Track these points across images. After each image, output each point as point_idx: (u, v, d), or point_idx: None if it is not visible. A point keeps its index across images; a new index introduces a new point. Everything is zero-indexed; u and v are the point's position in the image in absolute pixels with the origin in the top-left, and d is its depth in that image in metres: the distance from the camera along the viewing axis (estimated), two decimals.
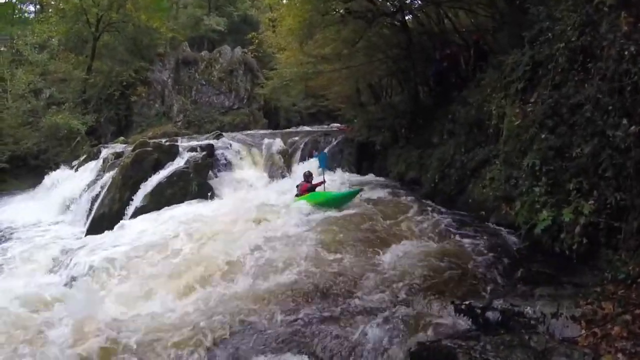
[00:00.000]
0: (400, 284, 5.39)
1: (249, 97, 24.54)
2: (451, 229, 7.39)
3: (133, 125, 21.19)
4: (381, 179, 12.60)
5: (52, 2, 25.42)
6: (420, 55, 12.70)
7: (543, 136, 6.04)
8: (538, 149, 6.05)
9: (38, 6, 29.39)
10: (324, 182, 10.10)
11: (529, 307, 4.31)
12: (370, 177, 12.93)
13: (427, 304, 4.87)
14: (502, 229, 7.05)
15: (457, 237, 6.93)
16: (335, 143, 15.29)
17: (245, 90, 24.50)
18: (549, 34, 6.42)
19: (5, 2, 30.45)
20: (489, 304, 4.53)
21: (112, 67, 21.51)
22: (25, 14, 31.32)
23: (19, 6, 30.88)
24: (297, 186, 10.47)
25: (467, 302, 4.63)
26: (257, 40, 22.14)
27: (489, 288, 5.14)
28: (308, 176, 10.44)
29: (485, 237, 6.77)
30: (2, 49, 22.63)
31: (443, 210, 8.74)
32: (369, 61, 13.97)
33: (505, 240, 6.61)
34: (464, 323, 4.46)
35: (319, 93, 21.50)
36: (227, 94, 24.02)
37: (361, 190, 9.90)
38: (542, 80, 6.49)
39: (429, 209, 8.70)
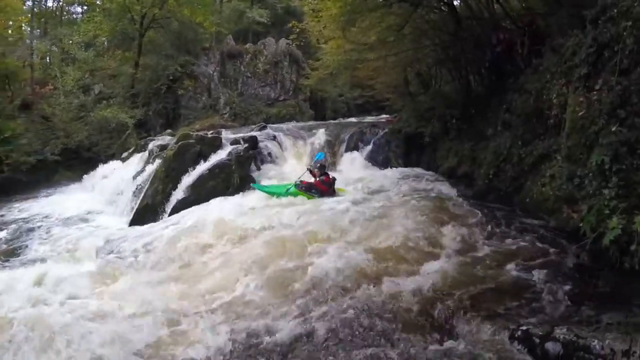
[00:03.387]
0: (444, 302, 4.92)
1: (294, 88, 24.36)
2: (505, 233, 6.90)
3: (181, 117, 21.49)
4: (430, 173, 12.04)
5: (98, 2, 25.98)
6: (470, 42, 11.86)
7: (613, 129, 5.33)
8: (607, 144, 5.33)
9: (85, 7, 30.21)
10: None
11: (596, 341, 3.73)
12: (418, 170, 12.38)
13: (476, 328, 4.37)
14: (563, 235, 6.39)
15: (512, 244, 6.44)
16: (381, 134, 14.74)
17: (291, 81, 24.33)
18: (614, 11, 5.68)
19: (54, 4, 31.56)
20: (549, 333, 3.99)
21: (158, 62, 21.85)
22: (73, 15, 32.46)
23: (66, 8, 31.84)
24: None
25: (524, 329, 4.12)
26: (297, 29, 21.68)
27: (548, 309, 4.61)
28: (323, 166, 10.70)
29: (544, 245, 6.21)
30: (52, 48, 23.67)
31: (497, 210, 8.18)
32: (416, 48, 13.27)
33: (567, 250, 5.97)
34: (518, 353, 3.98)
35: (366, 83, 20.99)
36: (272, 86, 23.93)
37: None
38: (607, 64, 5.76)
39: (481, 208, 8.21)
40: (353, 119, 22.58)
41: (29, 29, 26.44)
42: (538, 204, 7.33)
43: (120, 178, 14.18)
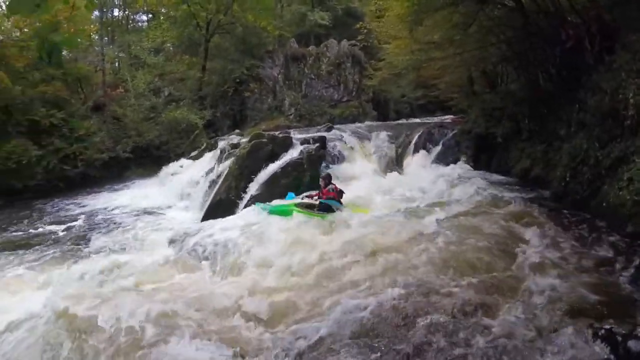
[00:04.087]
0: (527, 302, 4.84)
1: (357, 89, 24.24)
2: (581, 238, 6.55)
3: (247, 119, 22.20)
4: (500, 176, 11.42)
5: (162, 10, 27.27)
6: (537, 38, 11.19)
7: None
8: None
9: (150, 15, 31.81)
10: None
11: None
12: (489, 174, 11.77)
13: (559, 326, 4.29)
14: None
15: (589, 249, 6.14)
16: (450, 135, 14.27)
17: (354, 82, 24.24)
18: None
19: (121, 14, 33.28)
20: (632, 331, 3.96)
21: (224, 66, 22.62)
22: (138, 23, 34.27)
23: (132, 16, 33.67)
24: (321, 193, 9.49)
25: (606, 327, 4.06)
26: (365, 30, 21.62)
27: (630, 310, 4.50)
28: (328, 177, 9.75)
29: (621, 251, 5.88)
30: (120, 54, 24.88)
31: (572, 215, 7.65)
32: (481, 46, 12.77)
33: None
34: (601, 351, 3.89)
35: (429, 83, 20.54)
36: (336, 87, 23.98)
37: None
38: None
39: (556, 213, 7.75)
40: (416, 120, 22.22)
41: (96, 37, 27.94)
42: (615, 208, 6.74)
43: (191, 175, 14.68)
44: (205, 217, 11.32)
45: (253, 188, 11.63)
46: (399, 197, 10.41)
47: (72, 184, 19.25)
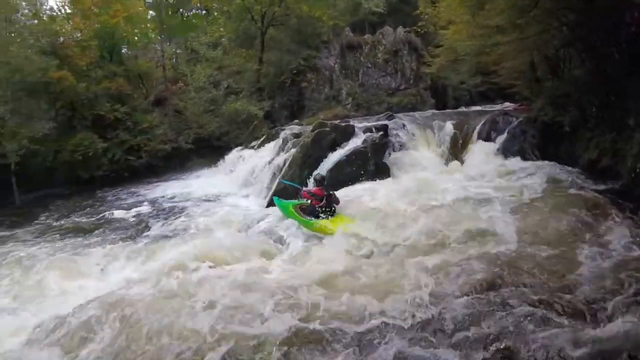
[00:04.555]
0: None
1: (415, 77, 23.59)
2: None
3: (305, 109, 22.27)
4: (568, 167, 10.71)
5: (215, 6, 27.90)
6: (601, 21, 10.36)
7: None
8: None
9: (204, 11, 32.41)
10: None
11: None
12: (555, 164, 11.07)
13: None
14: None
15: None
16: (516, 123, 13.54)
17: (411, 70, 23.61)
18: None
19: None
20: None
21: (281, 57, 22.70)
22: (192, 20, 34.58)
23: (185, 13, 34.60)
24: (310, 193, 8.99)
25: None
26: (426, 16, 21.05)
27: None
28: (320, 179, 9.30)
29: None
30: (178, 50, 25.56)
31: None
32: (544, 30, 11.97)
33: None
34: None
35: (489, 69, 19.67)
36: (393, 75, 23.44)
37: None
38: None
39: (626, 206, 7.41)
40: (476, 107, 21.40)
41: (153, 35, 28.86)
42: None
43: (254, 164, 14.90)
44: (270, 204, 11.43)
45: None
46: (463, 187, 10.01)
47: (136, 173, 20.10)
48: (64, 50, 21.14)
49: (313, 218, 8.54)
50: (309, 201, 8.83)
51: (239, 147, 18.42)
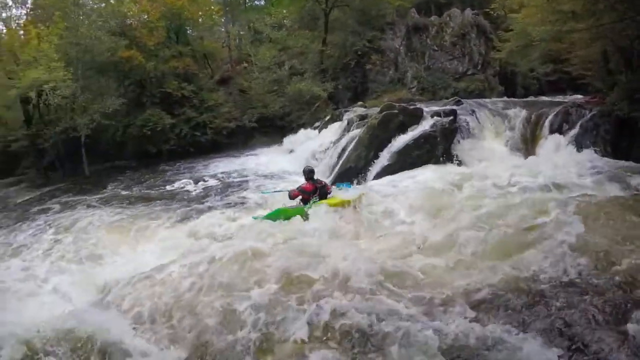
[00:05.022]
0: None
1: (483, 62, 22.64)
2: None
3: (368, 91, 21.99)
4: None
5: None
6: None
7: None
8: None
9: None
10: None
11: None
12: (629, 162, 10.21)
13: None
14: None
15: None
16: (589, 117, 12.71)
17: (479, 54, 22.63)
18: None
19: None
20: None
21: (345, 38, 22.41)
22: (255, 2, 35.54)
23: None
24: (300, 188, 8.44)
25: None
26: None
27: None
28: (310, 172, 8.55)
29: None
30: (241, 32, 25.91)
31: None
32: (619, 19, 11.07)
33: None
34: None
35: (560, 57, 18.57)
36: (460, 59, 22.59)
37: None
38: None
39: None
40: (545, 98, 20.29)
41: (216, 17, 29.46)
42: None
43: (317, 144, 15.12)
44: (333, 183, 11.44)
45: (384, 157, 11.75)
46: (532, 179, 9.48)
47: (201, 149, 20.91)
48: (132, 32, 22.12)
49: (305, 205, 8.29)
50: (300, 198, 8.41)
51: (302, 127, 18.66)
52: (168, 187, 14.03)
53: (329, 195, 8.52)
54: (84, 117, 18.58)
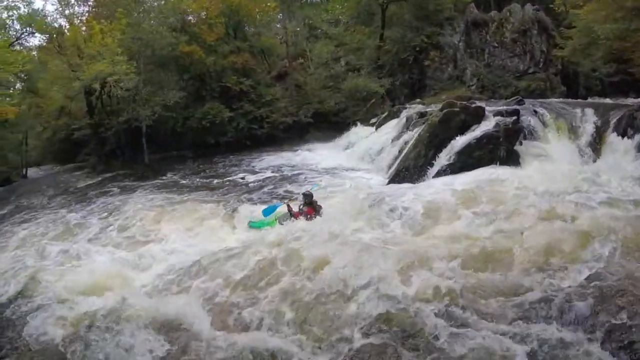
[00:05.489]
0: None
1: (544, 60, 21.86)
2: None
3: (426, 88, 21.69)
4: None
5: None
6: None
7: None
8: None
9: None
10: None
11: None
12: None
13: None
14: None
15: None
16: None
17: (541, 52, 21.85)
18: None
19: None
20: None
21: (403, 34, 22.19)
22: None
23: None
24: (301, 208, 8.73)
25: None
26: None
27: None
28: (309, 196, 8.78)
29: None
30: (297, 28, 26.17)
31: None
32: None
33: None
34: None
35: (624, 57, 17.70)
36: (521, 57, 21.92)
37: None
38: None
39: None
40: (608, 100, 19.36)
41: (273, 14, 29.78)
42: None
43: (375, 140, 15.10)
44: (392, 181, 11.66)
45: (444, 157, 11.48)
46: (598, 186, 9.06)
47: (257, 142, 21.58)
48: (192, 28, 22.92)
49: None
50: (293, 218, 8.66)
51: (358, 124, 18.76)
52: (225, 178, 14.62)
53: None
54: (145, 108, 19.58)
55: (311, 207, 8.63)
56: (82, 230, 9.80)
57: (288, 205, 8.75)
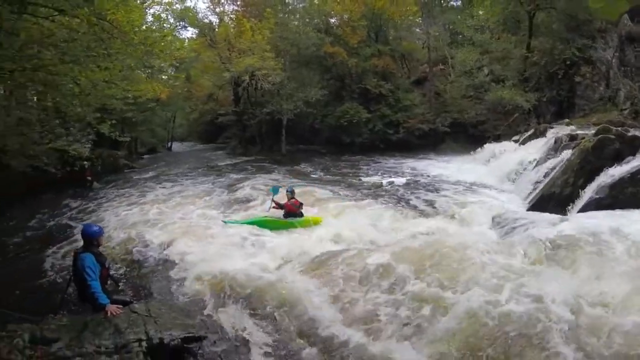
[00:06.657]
0: None
1: None
2: None
3: (575, 108, 19.97)
4: None
5: None
6: None
7: None
8: None
9: None
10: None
11: None
12: None
13: None
14: None
15: None
16: None
17: None
18: None
19: None
20: None
21: (552, 45, 20.64)
22: (450, 2, 34.67)
23: None
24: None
25: None
26: None
27: None
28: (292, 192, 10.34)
29: None
30: (436, 33, 25.94)
31: None
32: None
33: None
34: None
35: None
36: None
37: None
38: None
39: None
40: None
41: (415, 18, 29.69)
42: None
43: (518, 159, 14.49)
44: (533, 208, 11.08)
45: (592, 189, 10.44)
46: None
47: (390, 146, 22.44)
48: (335, 30, 24.29)
49: (292, 219, 9.88)
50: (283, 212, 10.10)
51: (498, 139, 18.20)
52: (356, 176, 15.59)
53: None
54: (289, 103, 21.58)
55: (295, 200, 10.12)
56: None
57: (274, 201, 10.20)
